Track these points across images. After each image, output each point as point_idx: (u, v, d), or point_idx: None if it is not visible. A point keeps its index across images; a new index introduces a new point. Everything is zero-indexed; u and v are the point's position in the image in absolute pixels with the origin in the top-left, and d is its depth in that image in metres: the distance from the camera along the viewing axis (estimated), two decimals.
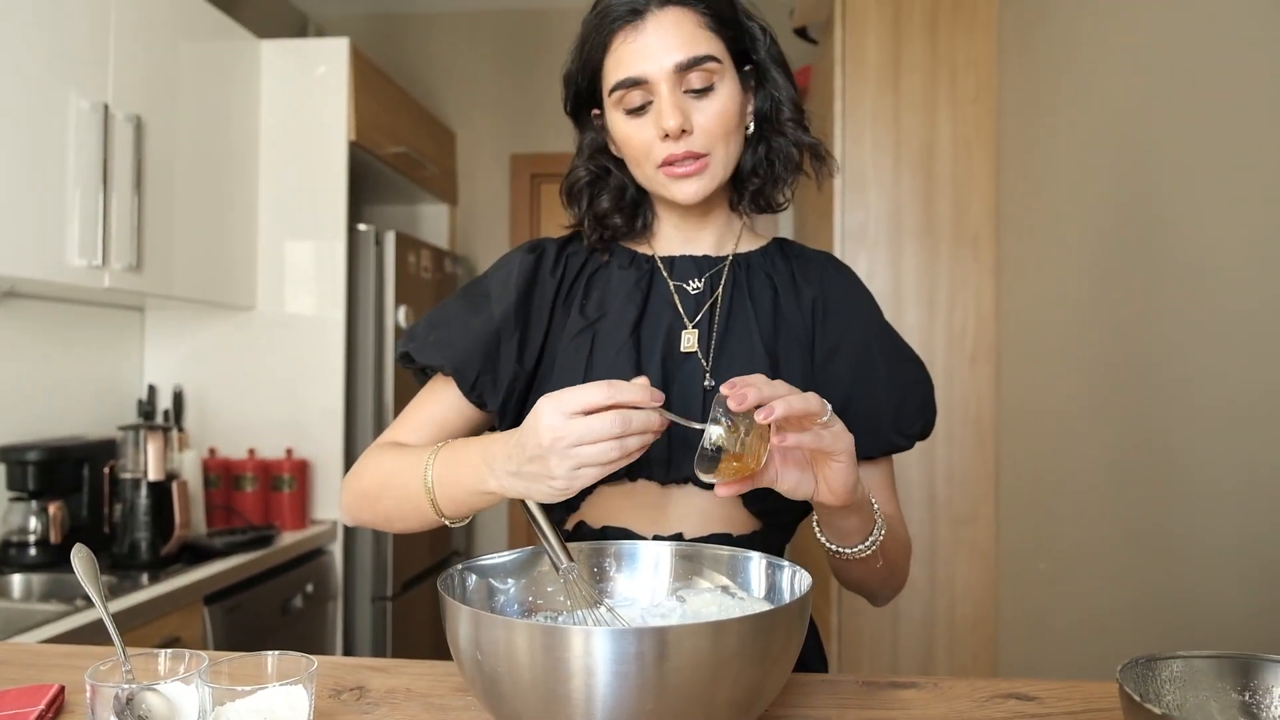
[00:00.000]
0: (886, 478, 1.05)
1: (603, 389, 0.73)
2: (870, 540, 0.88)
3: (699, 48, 0.94)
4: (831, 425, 0.78)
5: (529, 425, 0.76)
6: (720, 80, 0.95)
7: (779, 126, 1.02)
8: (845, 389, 1.01)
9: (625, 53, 0.95)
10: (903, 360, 1.05)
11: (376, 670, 0.93)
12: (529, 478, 0.78)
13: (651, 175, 0.98)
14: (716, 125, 0.95)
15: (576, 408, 0.74)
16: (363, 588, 2.83)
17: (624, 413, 0.73)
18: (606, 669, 0.63)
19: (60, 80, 1.99)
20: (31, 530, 2.15)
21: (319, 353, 2.75)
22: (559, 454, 0.74)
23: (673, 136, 0.94)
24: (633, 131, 0.97)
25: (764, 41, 1.01)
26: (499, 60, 3.80)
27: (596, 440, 0.73)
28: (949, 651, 2.20)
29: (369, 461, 1.01)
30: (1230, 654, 0.65)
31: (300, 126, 2.77)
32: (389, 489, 0.96)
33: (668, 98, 0.93)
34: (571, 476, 0.75)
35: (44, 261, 1.95)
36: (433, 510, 0.90)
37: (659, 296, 1.03)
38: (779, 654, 0.69)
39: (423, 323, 1.06)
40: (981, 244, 2.17)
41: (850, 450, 0.79)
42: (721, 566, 0.87)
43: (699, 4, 0.95)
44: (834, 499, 0.81)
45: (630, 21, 0.95)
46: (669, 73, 0.93)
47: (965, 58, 2.17)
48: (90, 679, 0.73)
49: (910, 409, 1.03)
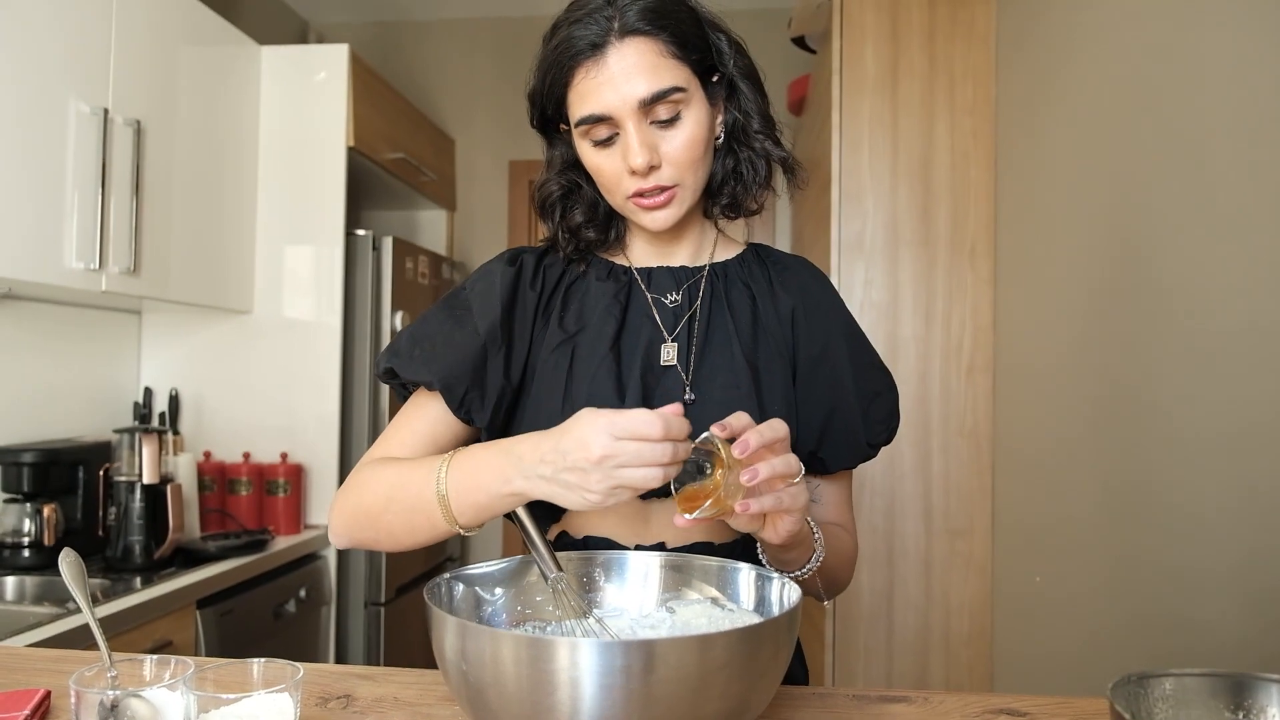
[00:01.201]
0: (847, 488, 1.08)
1: (658, 424, 0.75)
2: (808, 567, 0.91)
3: (662, 80, 0.91)
4: (794, 484, 0.81)
5: (576, 436, 0.77)
6: (687, 108, 0.94)
7: (748, 139, 1.01)
8: (823, 401, 1.02)
9: (588, 87, 0.93)
10: (871, 369, 1.06)
11: (364, 678, 0.93)
12: (563, 485, 0.78)
13: (622, 204, 0.98)
14: (684, 155, 0.94)
15: (629, 434, 0.75)
16: (356, 593, 2.82)
17: (674, 444, 0.75)
18: (592, 681, 0.63)
19: (61, 84, 1.99)
20: (25, 532, 2.14)
21: (315, 357, 2.74)
22: (604, 471, 0.75)
23: (640, 174, 0.93)
24: (601, 163, 0.96)
25: (731, 55, 0.99)
26: (497, 67, 3.80)
27: (643, 465, 0.75)
28: (944, 665, 2.19)
29: (365, 477, 0.97)
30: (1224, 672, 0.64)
31: (299, 132, 2.78)
32: (395, 502, 0.93)
33: (634, 134, 0.92)
34: (608, 493, 0.77)
35: (42, 264, 1.95)
36: (445, 520, 0.88)
37: (637, 309, 1.03)
38: (766, 667, 0.69)
39: (405, 337, 1.03)
40: (979, 254, 2.17)
41: (804, 506, 0.82)
42: (711, 578, 0.87)
43: (661, 32, 0.92)
44: (777, 540, 0.84)
45: (591, 55, 0.92)
46: (633, 108, 0.91)
47: (963, 68, 2.17)
48: (75, 684, 0.72)
49: (877, 418, 1.04)
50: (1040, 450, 1.91)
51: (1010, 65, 2.09)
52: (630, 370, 0.98)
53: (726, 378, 0.98)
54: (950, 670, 2.18)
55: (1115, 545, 1.55)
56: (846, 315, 1.08)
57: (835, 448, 1.02)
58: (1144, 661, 1.37)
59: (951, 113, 2.17)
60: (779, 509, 0.80)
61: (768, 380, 0.99)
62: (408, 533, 0.93)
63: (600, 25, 0.91)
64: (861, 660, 2.20)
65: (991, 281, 2.17)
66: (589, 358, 0.98)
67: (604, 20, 0.91)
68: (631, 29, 0.91)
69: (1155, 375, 1.42)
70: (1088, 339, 1.67)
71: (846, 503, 1.08)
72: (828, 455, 1.02)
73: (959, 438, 2.18)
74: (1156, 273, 1.42)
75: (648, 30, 0.91)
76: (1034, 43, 1.96)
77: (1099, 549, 1.62)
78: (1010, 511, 2.08)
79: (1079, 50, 1.73)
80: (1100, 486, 1.61)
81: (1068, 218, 1.77)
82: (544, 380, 0.99)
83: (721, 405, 0.96)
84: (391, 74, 3.54)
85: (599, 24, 0.91)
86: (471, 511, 0.87)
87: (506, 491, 0.83)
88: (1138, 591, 1.47)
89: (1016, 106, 2.05)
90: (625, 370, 0.98)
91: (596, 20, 0.92)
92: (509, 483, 0.82)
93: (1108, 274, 1.59)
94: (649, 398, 0.97)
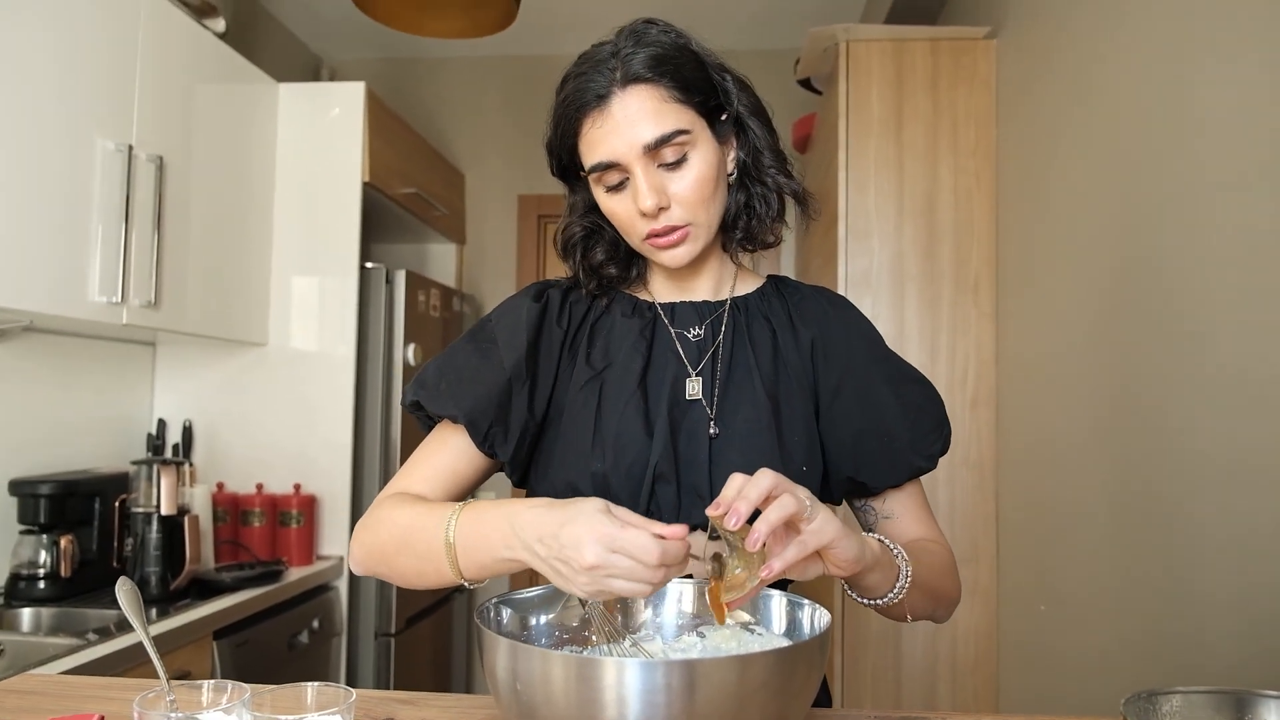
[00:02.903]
0: (917, 500, 1.08)
1: (654, 552, 0.75)
2: (898, 588, 0.90)
3: (666, 124, 0.95)
4: (812, 519, 0.78)
5: (573, 535, 0.77)
6: (693, 149, 0.97)
7: (759, 174, 1.04)
8: (855, 424, 1.04)
9: (595, 137, 0.97)
10: (909, 383, 1.08)
11: (405, 703, 0.96)
12: (554, 571, 0.79)
13: (639, 245, 1.02)
14: (693, 194, 0.97)
15: (625, 552, 0.75)
16: (366, 624, 2.84)
17: (667, 569, 0.76)
18: (638, 699, 0.67)
19: (87, 123, 2.04)
20: (41, 564, 2.15)
21: (329, 389, 2.78)
22: (591, 577, 0.76)
23: (650, 216, 0.97)
24: (615, 207, 1.00)
25: (736, 94, 1.02)
26: (507, 104, 3.88)
27: (631, 581, 0.76)
28: (951, 691, 2.21)
29: (383, 514, 0.99)
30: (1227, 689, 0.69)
31: (316, 167, 2.83)
32: (407, 546, 0.94)
33: (642, 178, 0.95)
34: (592, 593, 0.78)
35: (66, 298, 1.99)
36: (452, 571, 0.89)
37: (662, 344, 1.06)
38: (800, 687, 0.73)
39: (432, 369, 1.06)
40: (981, 291, 2.23)
41: (836, 534, 0.79)
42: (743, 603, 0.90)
43: (663, 78, 0.95)
44: (843, 572, 0.83)
45: (597, 106, 0.96)
46: (639, 153, 0.95)
47: (965, 111, 2.24)
48: (138, 706, 0.75)
49: (925, 429, 1.05)
50: (1042, 480, 1.95)
51: (1010, 110, 2.16)
52: (658, 406, 1.01)
53: (749, 411, 1.01)
54: (956, 696, 2.21)
55: (1118, 573, 1.59)
56: (873, 336, 1.10)
57: (873, 468, 1.04)
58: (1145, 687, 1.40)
59: (955, 154, 2.24)
60: (806, 552, 0.78)
61: (788, 413, 1.02)
62: (419, 577, 0.95)
63: (605, 76, 0.96)
64: (869, 686, 2.22)
65: (993, 316, 2.22)
66: (617, 394, 1.01)
67: (608, 71, 0.96)
68: (633, 77, 0.95)
69: (1154, 405, 1.46)
70: (1087, 371, 1.72)
71: (924, 514, 1.07)
72: (867, 477, 1.04)
73: (964, 468, 2.22)
74: (1155, 309, 1.47)
75: (649, 77, 0.95)
76: (1033, 89, 2.03)
77: (1103, 577, 1.66)
78: (1014, 540, 2.12)
79: (1077, 96, 1.80)
80: (1102, 515, 1.65)
81: (1067, 255, 1.83)
82: (573, 417, 1.02)
83: (744, 438, 1.00)
84: (402, 109, 3.62)
85: (604, 75, 0.96)
86: (475, 568, 0.88)
87: (507, 556, 0.85)
88: (1141, 618, 1.51)
89: (1017, 149, 2.12)
90: (653, 406, 1.01)
91: (602, 72, 0.96)
92: (510, 549, 0.84)
93: (1106, 308, 1.64)
94: (675, 432, 1.00)
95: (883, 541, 0.90)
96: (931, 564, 0.99)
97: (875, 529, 1.08)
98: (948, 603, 1.04)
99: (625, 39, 0.98)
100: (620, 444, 0.99)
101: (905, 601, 0.91)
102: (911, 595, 0.92)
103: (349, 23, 3.41)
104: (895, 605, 0.91)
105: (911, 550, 0.95)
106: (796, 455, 1.01)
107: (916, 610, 0.95)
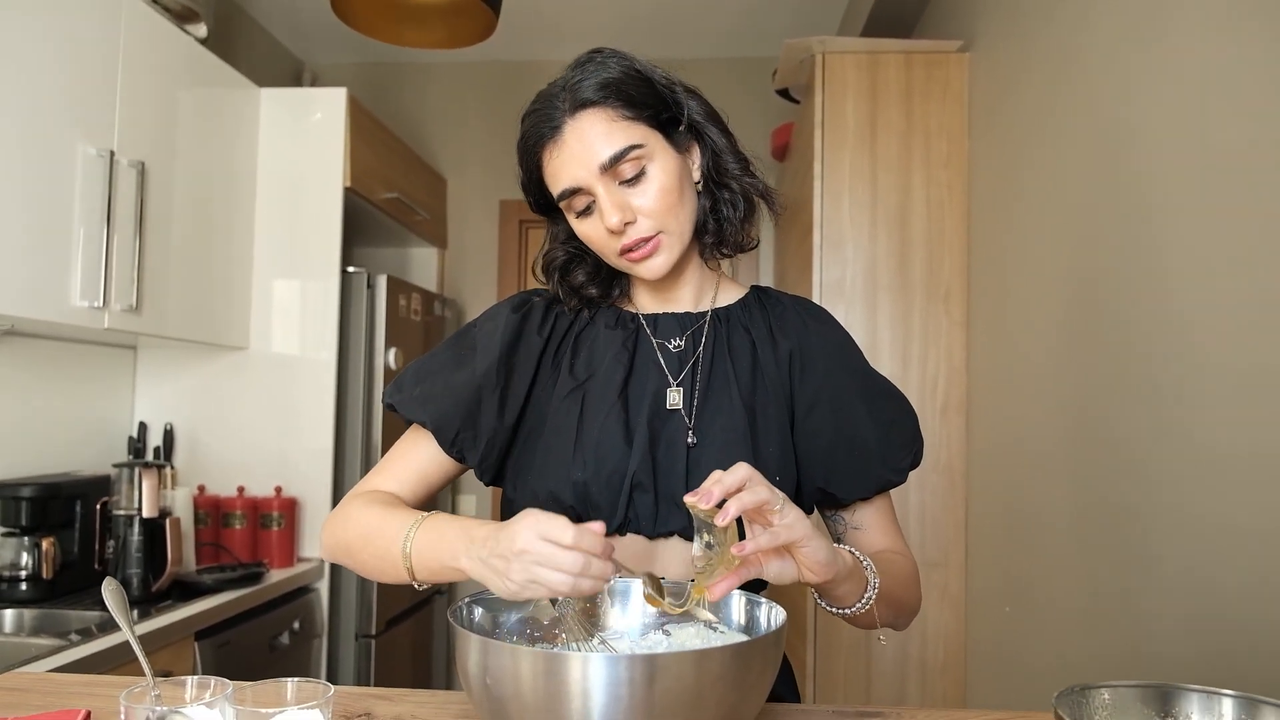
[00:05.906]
0: (885, 512, 1.12)
1: (568, 533, 0.80)
2: (865, 598, 0.94)
3: (617, 142, 0.98)
4: (785, 515, 0.82)
5: (511, 529, 0.82)
6: (651, 161, 1.00)
7: (723, 178, 1.08)
8: (828, 436, 1.07)
9: (555, 166, 1.02)
10: (883, 397, 1.11)
11: (381, 699, 0.99)
12: (491, 569, 0.84)
13: (617, 262, 1.05)
14: (658, 204, 1.00)
15: (549, 536, 0.80)
16: (347, 625, 2.86)
17: (586, 557, 0.80)
18: (602, 691, 0.71)
19: (69, 128, 2.05)
20: (23, 566, 2.17)
21: (310, 392, 2.80)
22: (522, 564, 0.81)
23: (617, 232, 1.01)
24: (588, 230, 1.04)
25: (687, 103, 1.05)
26: (489, 109, 3.91)
27: (555, 569, 0.80)
28: (920, 692, 2.26)
29: (352, 511, 1.05)
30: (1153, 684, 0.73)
31: (297, 172, 2.85)
32: (369, 545, 1.01)
33: (604, 196, 0.99)
34: (523, 585, 0.82)
35: (48, 303, 2.00)
36: (407, 575, 0.97)
37: (644, 355, 1.09)
38: (756, 681, 0.77)
39: (410, 372, 1.11)
40: (953, 299, 2.28)
41: (808, 533, 0.83)
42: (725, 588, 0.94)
43: (609, 99, 0.99)
44: (816, 578, 0.86)
45: (551, 137, 1.01)
46: (597, 174, 0.99)
47: (938, 124, 2.29)
48: (125, 700, 0.79)
49: (897, 444, 1.08)
50: (1011, 485, 2.00)
51: (982, 122, 2.22)
52: (638, 416, 1.04)
53: (726, 421, 1.04)
54: (926, 697, 2.26)
55: (1082, 576, 1.64)
56: (850, 349, 1.13)
57: (844, 480, 1.07)
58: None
59: (928, 166, 2.29)
60: (777, 544, 0.82)
61: (763, 424, 1.05)
62: (377, 573, 1.02)
63: (556, 109, 1.01)
64: (841, 687, 2.27)
65: (965, 325, 2.27)
66: (599, 405, 1.05)
67: (559, 104, 1.01)
68: (581, 103, 0.99)
69: (1121, 413, 1.51)
70: (1054, 378, 1.77)
71: (891, 527, 1.11)
72: (837, 488, 1.07)
73: (934, 474, 2.27)
74: (1118, 317, 1.52)
75: (597, 100, 0.99)
76: (1004, 102, 2.08)
77: (1067, 580, 1.71)
78: (983, 544, 2.17)
79: (1047, 109, 1.85)
80: (1067, 519, 1.70)
81: (1036, 265, 1.88)
82: (556, 426, 1.06)
83: (720, 448, 1.03)
84: (384, 114, 3.64)
85: (555, 108, 1.01)
86: (427, 573, 0.96)
87: (454, 565, 0.91)
88: (1103, 620, 1.56)
89: (988, 161, 2.17)
90: (633, 416, 1.05)
91: (554, 105, 1.01)
92: (456, 559, 0.90)
93: (1072, 317, 1.70)
94: (655, 442, 1.03)
95: (853, 553, 0.94)
96: (896, 575, 1.03)
97: (844, 539, 1.12)
98: (909, 612, 1.08)
99: (573, 71, 1.02)
100: (600, 453, 1.02)
101: (872, 611, 0.95)
102: (877, 605, 0.95)
103: (331, 27, 3.43)
104: (863, 615, 0.95)
105: (878, 561, 0.99)
106: (771, 465, 1.04)
107: (881, 619, 0.99)
